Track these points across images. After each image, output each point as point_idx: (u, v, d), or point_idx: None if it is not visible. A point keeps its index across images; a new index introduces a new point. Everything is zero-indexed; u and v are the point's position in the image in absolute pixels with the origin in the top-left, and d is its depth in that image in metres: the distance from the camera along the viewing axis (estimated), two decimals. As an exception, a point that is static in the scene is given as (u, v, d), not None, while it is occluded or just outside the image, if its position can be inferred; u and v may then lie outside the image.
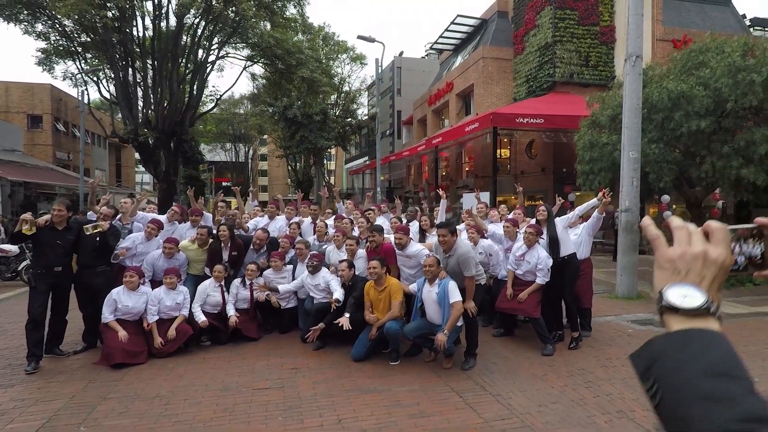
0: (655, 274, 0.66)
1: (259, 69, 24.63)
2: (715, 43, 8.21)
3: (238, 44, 21.90)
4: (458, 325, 4.50)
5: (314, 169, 30.31)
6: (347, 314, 4.83)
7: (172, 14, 18.60)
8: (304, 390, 4.10)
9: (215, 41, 20.15)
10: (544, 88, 16.94)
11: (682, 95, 7.73)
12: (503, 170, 18.24)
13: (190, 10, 17.74)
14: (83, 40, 18.92)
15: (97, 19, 16.34)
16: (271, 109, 25.80)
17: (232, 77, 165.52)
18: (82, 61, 19.89)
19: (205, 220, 6.20)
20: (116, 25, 17.27)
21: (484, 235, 5.82)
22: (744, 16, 19.95)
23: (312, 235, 6.55)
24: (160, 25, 18.69)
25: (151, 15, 18.38)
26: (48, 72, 20.66)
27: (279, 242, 6.11)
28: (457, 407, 3.74)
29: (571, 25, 16.48)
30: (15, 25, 17.86)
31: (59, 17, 16.79)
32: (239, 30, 19.18)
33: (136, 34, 18.64)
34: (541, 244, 5.13)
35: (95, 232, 4.89)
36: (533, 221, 5.43)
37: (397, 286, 4.83)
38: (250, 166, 46.71)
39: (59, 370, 4.62)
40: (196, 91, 20.28)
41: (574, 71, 16.56)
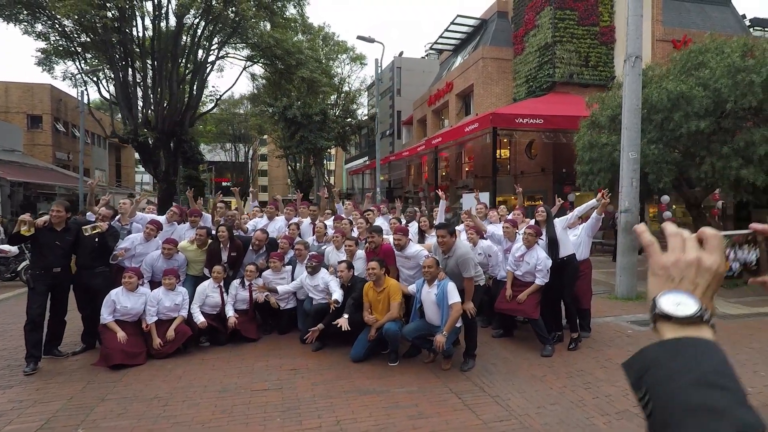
0: (649, 281, 0.65)
1: (258, 69, 24.68)
2: (714, 44, 8.21)
3: (237, 44, 21.91)
4: (457, 326, 4.50)
5: (314, 169, 30.29)
6: (346, 315, 4.83)
7: (171, 14, 18.65)
8: (303, 391, 4.10)
9: (215, 41, 20.15)
10: (544, 89, 16.93)
11: (681, 96, 7.72)
12: (503, 170, 18.24)
13: (190, 11, 17.74)
14: (83, 40, 18.90)
15: (96, 20, 16.34)
16: (271, 110, 25.78)
17: (232, 77, 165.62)
18: (81, 62, 19.89)
19: (204, 221, 6.20)
20: (116, 26, 17.27)
21: (483, 236, 5.82)
22: (744, 16, 19.95)
23: (311, 235, 6.55)
24: (159, 26, 18.69)
25: (151, 15, 18.38)
26: (48, 72, 20.70)
27: (278, 243, 6.11)
28: (455, 408, 3.74)
29: (571, 25, 16.48)
30: (15, 25, 17.85)
31: (59, 17, 16.79)
32: (239, 30, 19.19)
33: (135, 35, 18.65)
34: (540, 244, 5.12)
35: (94, 233, 4.89)
36: (532, 222, 5.43)
37: (396, 287, 4.83)
38: (249, 167, 46.66)
39: (58, 371, 4.62)
40: (196, 92, 20.28)
41: (574, 71, 16.56)
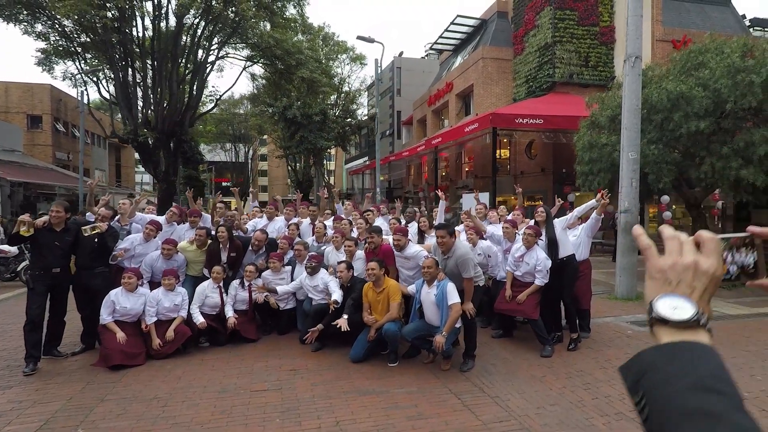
0: (646, 285, 0.65)
1: (258, 69, 24.69)
2: (714, 44, 8.21)
3: (237, 44, 21.91)
4: (457, 326, 4.50)
5: (314, 169, 30.30)
6: (345, 315, 4.82)
7: (171, 14, 18.66)
8: (302, 392, 4.10)
9: (215, 41, 20.16)
10: (544, 89, 16.93)
11: (681, 96, 7.72)
12: (503, 171, 18.24)
13: (190, 11, 17.75)
14: (83, 40, 18.92)
15: (96, 20, 16.34)
16: (271, 110, 25.79)
17: (232, 77, 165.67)
18: (81, 62, 19.90)
19: (203, 221, 6.20)
20: (116, 26, 17.27)
21: (482, 237, 5.82)
22: (744, 16, 19.96)
23: (311, 236, 6.55)
24: (159, 26, 18.70)
25: (151, 15, 18.39)
26: (48, 72, 20.71)
27: (278, 243, 6.10)
28: (455, 409, 3.74)
29: (571, 25, 16.48)
30: (15, 26, 17.86)
31: (59, 17, 16.80)
32: (239, 30, 19.20)
33: (135, 35, 18.66)
34: (539, 245, 5.12)
35: (93, 233, 4.89)
36: (532, 222, 5.43)
37: (396, 288, 4.82)
38: (249, 167, 46.67)
39: (57, 372, 4.62)
40: (196, 92, 20.29)
41: (574, 72, 16.56)
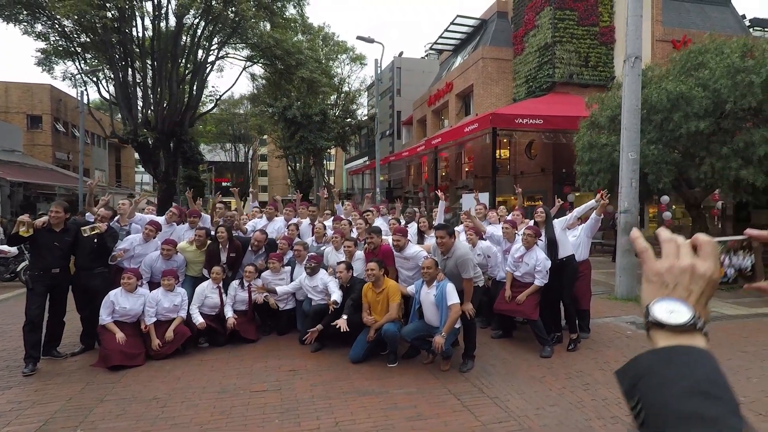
0: (643, 288, 0.65)
1: (258, 69, 24.68)
2: (714, 44, 8.21)
3: (237, 44, 21.90)
4: (456, 327, 4.49)
5: (314, 169, 30.30)
6: (345, 316, 4.82)
7: (171, 14, 18.66)
8: (302, 392, 4.10)
9: (215, 41, 20.15)
10: (544, 89, 16.94)
11: (681, 96, 7.72)
12: (503, 171, 18.24)
13: (190, 11, 17.74)
14: (83, 40, 18.91)
15: (96, 20, 16.33)
16: (271, 110, 25.79)
17: (232, 77, 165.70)
18: (81, 62, 19.89)
19: (203, 222, 6.20)
20: (116, 26, 17.26)
21: (482, 237, 5.81)
22: (744, 16, 19.96)
23: (310, 236, 6.55)
24: (159, 26, 18.70)
25: (151, 15, 18.38)
26: (47, 72, 20.70)
27: (277, 244, 6.10)
28: (454, 410, 3.74)
29: (571, 25, 16.48)
30: (15, 26, 17.85)
31: (58, 18, 16.79)
32: (239, 30, 19.19)
33: (135, 35, 18.65)
34: (539, 245, 5.12)
35: (93, 233, 4.89)
36: (531, 223, 5.42)
37: (395, 288, 4.82)
38: (249, 167, 46.65)
39: (56, 372, 4.61)
40: (196, 92, 20.29)
41: (574, 72, 16.56)
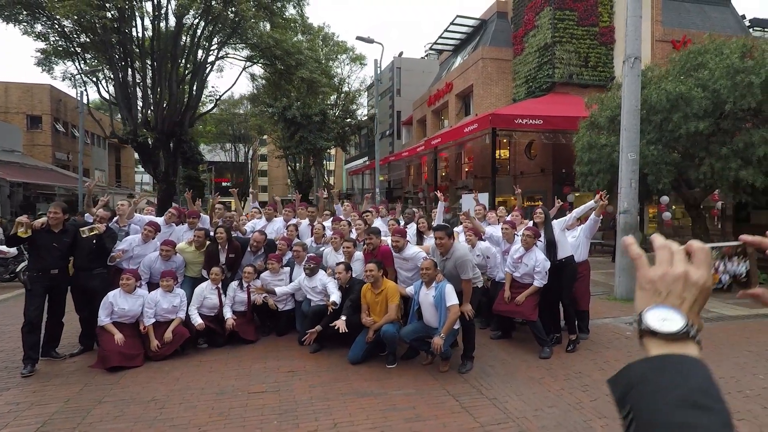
0: (636, 295, 0.64)
1: (258, 69, 24.68)
2: (713, 45, 8.19)
3: (237, 45, 21.88)
4: (455, 328, 4.49)
5: (314, 169, 30.30)
6: (344, 317, 4.82)
7: (171, 15, 18.64)
8: (300, 393, 4.09)
9: (215, 42, 20.13)
10: (544, 89, 16.92)
11: (680, 97, 7.71)
12: (502, 171, 18.23)
13: (190, 11, 17.72)
14: (82, 40, 18.89)
15: (96, 20, 16.32)
16: (271, 110, 25.78)
17: (232, 78, 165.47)
18: (81, 62, 19.87)
19: (202, 222, 6.20)
20: (115, 26, 17.25)
21: (481, 238, 5.81)
22: (743, 16, 19.95)
23: (309, 237, 6.54)
24: (159, 26, 18.68)
25: (151, 15, 18.36)
26: (47, 72, 20.67)
27: (276, 244, 6.10)
28: (453, 411, 3.73)
29: (571, 25, 16.47)
30: (14, 26, 17.82)
31: (58, 18, 16.78)
32: (239, 30, 19.18)
33: (135, 35, 18.63)
34: (538, 246, 5.12)
35: (91, 234, 4.89)
36: (531, 223, 5.42)
37: (394, 289, 4.82)
38: (249, 167, 46.64)
39: (55, 373, 4.61)
40: (196, 92, 20.27)
41: (574, 72, 16.55)
